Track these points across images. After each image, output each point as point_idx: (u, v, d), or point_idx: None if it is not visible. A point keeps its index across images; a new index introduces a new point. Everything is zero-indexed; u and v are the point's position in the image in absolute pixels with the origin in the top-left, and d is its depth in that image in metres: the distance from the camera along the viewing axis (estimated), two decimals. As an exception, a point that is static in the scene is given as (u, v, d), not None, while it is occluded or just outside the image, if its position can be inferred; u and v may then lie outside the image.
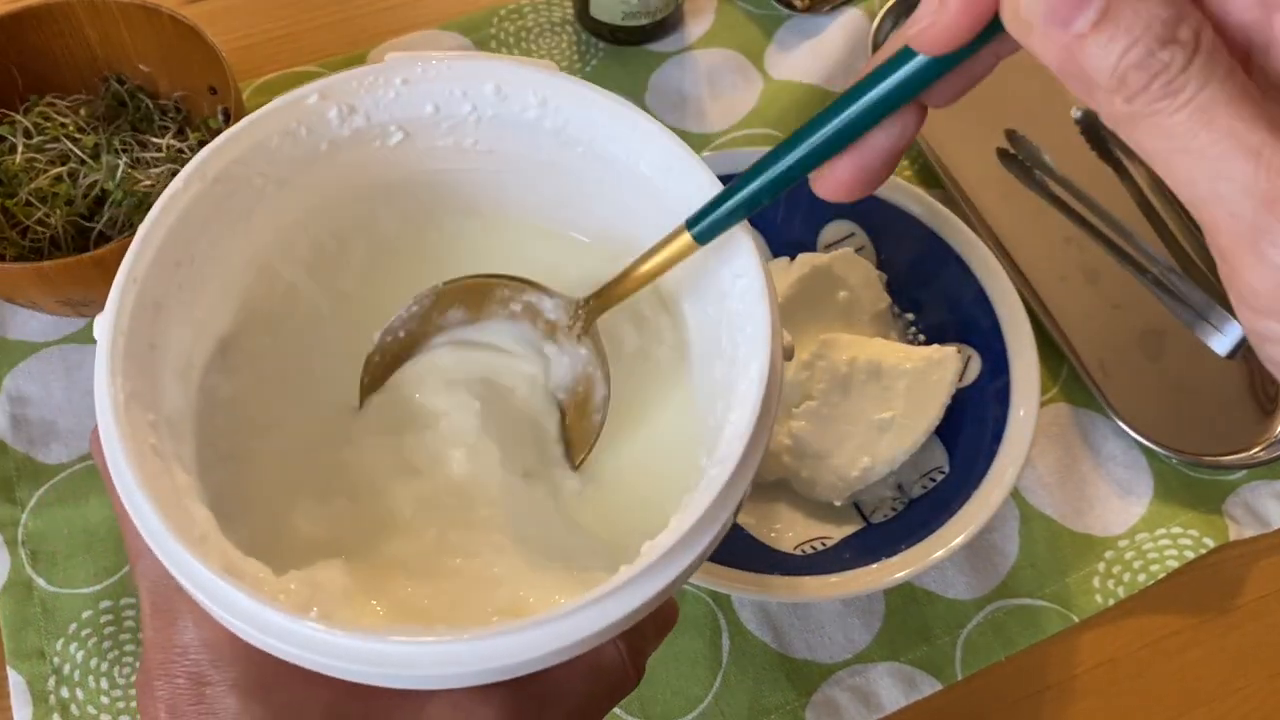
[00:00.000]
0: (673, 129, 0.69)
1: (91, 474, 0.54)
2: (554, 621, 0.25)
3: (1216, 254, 0.22)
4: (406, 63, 0.32)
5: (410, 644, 0.25)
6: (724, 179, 0.57)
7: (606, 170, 0.33)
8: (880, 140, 0.26)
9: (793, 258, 0.56)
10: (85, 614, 0.51)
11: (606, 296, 0.33)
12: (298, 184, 0.32)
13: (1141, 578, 0.53)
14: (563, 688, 0.30)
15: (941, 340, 0.55)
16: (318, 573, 0.29)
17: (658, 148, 0.32)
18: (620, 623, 0.25)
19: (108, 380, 0.27)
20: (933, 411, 0.52)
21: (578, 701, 0.30)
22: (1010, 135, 0.65)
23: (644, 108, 0.66)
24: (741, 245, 0.30)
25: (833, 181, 0.27)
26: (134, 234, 0.29)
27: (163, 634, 0.29)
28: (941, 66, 0.24)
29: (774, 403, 0.28)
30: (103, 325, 0.28)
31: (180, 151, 0.56)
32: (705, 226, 0.29)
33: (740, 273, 0.30)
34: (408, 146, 0.33)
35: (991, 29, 0.23)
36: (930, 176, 0.64)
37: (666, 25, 0.68)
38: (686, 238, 0.30)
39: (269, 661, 0.27)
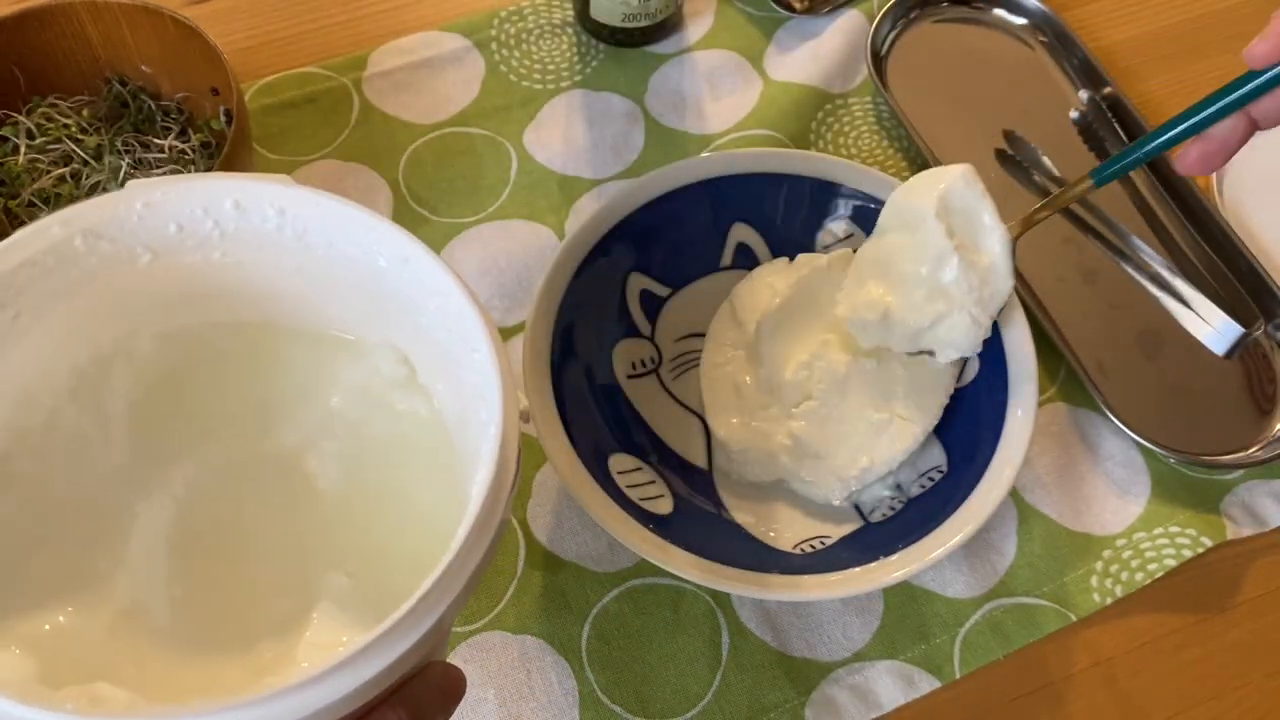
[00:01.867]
0: (672, 130, 0.69)
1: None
2: (305, 687, 0.26)
3: None
4: (146, 187, 0.33)
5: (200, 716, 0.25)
6: (725, 179, 0.57)
7: (350, 268, 0.35)
8: (1218, 132, 0.42)
9: (792, 258, 0.56)
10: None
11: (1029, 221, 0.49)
12: (53, 311, 0.33)
13: (1139, 577, 0.53)
14: None
15: (940, 340, 0.55)
16: (96, 689, 0.30)
17: (392, 242, 0.34)
18: (368, 686, 0.27)
19: None
20: (931, 411, 0.52)
21: None
22: (1009, 136, 0.65)
23: (644, 109, 0.66)
24: (473, 324, 0.32)
25: (1186, 160, 0.44)
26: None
27: None
28: (1262, 87, 0.40)
29: (512, 460, 0.30)
30: None
31: (182, 153, 0.57)
32: (1106, 175, 0.47)
33: (474, 347, 0.32)
34: (157, 266, 0.34)
35: None
36: (929, 177, 0.64)
37: (666, 27, 0.68)
38: (1088, 182, 0.48)
39: None
